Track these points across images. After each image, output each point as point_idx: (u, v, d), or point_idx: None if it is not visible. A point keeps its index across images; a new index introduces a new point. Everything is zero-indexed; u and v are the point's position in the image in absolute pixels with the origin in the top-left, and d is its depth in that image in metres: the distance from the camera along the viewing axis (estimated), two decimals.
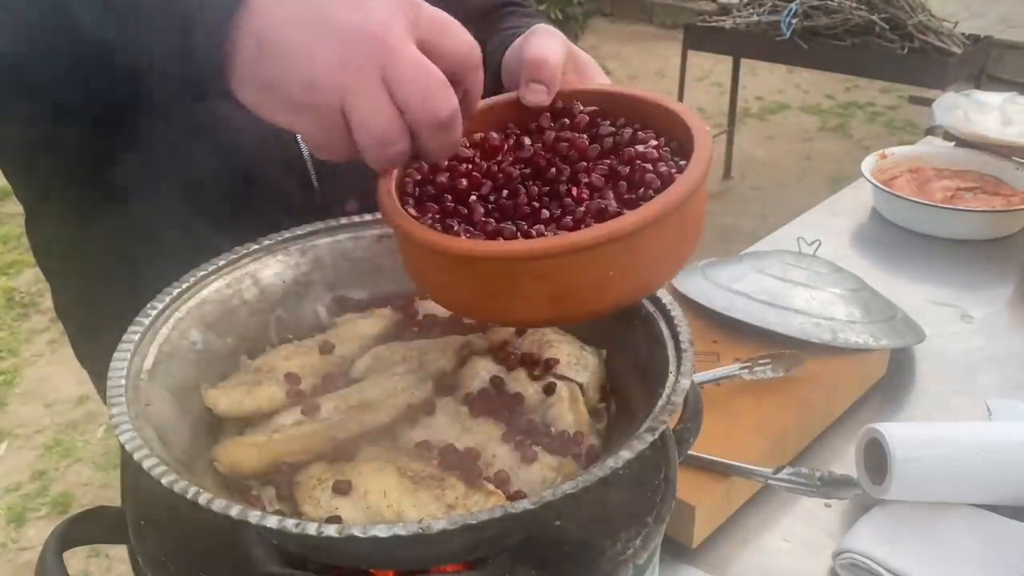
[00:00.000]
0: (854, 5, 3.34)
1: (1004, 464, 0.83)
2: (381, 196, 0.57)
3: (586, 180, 0.59)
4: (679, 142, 0.61)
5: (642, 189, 0.57)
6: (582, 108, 0.66)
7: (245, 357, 0.68)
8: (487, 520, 0.47)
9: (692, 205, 0.56)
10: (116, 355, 0.59)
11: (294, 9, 0.46)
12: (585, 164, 0.60)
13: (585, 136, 0.63)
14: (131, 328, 0.61)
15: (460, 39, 0.50)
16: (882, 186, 1.48)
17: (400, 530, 0.45)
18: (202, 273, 0.68)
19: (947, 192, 1.51)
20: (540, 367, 0.67)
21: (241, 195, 0.80)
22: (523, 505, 0.47)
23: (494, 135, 0.64)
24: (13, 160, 0.84)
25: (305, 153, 0.83)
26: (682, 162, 0.58)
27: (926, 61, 3.23)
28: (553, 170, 0.61)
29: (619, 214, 0.55)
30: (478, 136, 0.64)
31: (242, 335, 0.69)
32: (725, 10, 3.90)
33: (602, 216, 0.55)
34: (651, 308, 0.66)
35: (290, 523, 0.46)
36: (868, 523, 0.82)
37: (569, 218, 0.57)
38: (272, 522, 0.46)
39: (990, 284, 1.33)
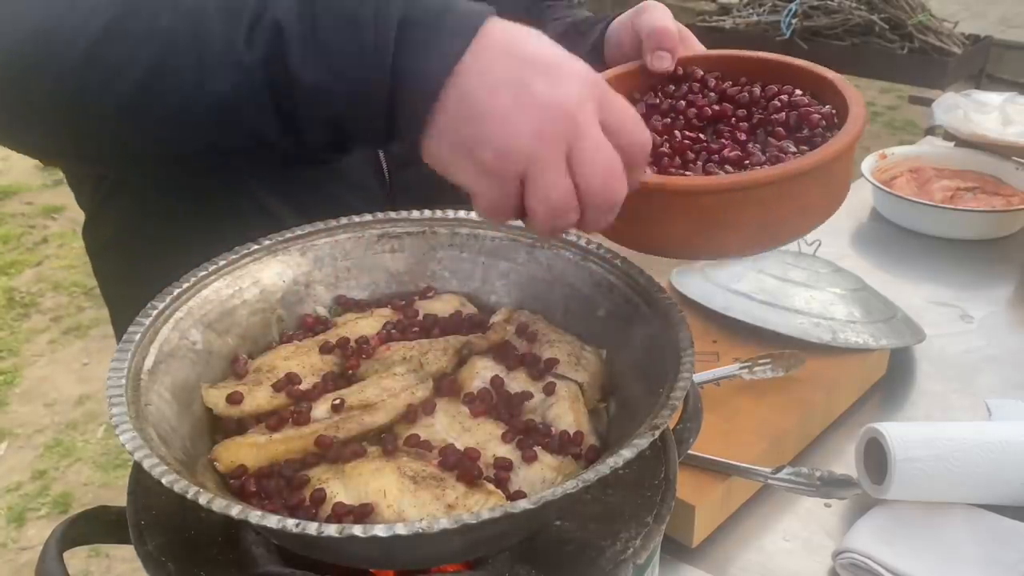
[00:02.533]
0: (854, 5, 3.34)
1: (1004, 464, 0.83)
2: None
3: (769, 128, 0.68)
4: (809, 91, 0.70)
5: (807, 129, 0.66)
6: (703, 72, 0.75)
7: (245, 357, 0.68)
8: (487, 520, 0.46)
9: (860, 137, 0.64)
10: (116, 355, 0.59)
11: (499, 75, 0.48)
12: (748, 114, 0.70)
13: (747, 92, 0.72)
14: (131, 328, 0.61)
15: (637, 131, 0.52)
16: (882, 186, 1.48)
17: (400, 530, 0.45)
18: (202, 273, 0.68)
19: (947, 192, 1.51)
20: (540, 367, 0.67)
21: (321, 184, 0.84)
22: (523, 505, 0.47)
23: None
24: (86, 177, 0.86)
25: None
26: (824, 105, 0.67)
27: (926, 61, 3.23)
28: (734, 119, 0.70)
29: (796, 153, 0.63)
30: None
31: (242, 335, 0.69)
32: (725, 10, 3.90)
33: (778, 159, 0.63)
34: (651, 308, 0.66)
35: (290, 523, 0.46)
36: (868, 523, 0.82)
37: (760, 156, 0.65)
38: (272, 522, 0.46)
39: (990, 284, 1.33)
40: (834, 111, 0.67)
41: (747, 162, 0.65)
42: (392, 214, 0.76)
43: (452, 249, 0.76)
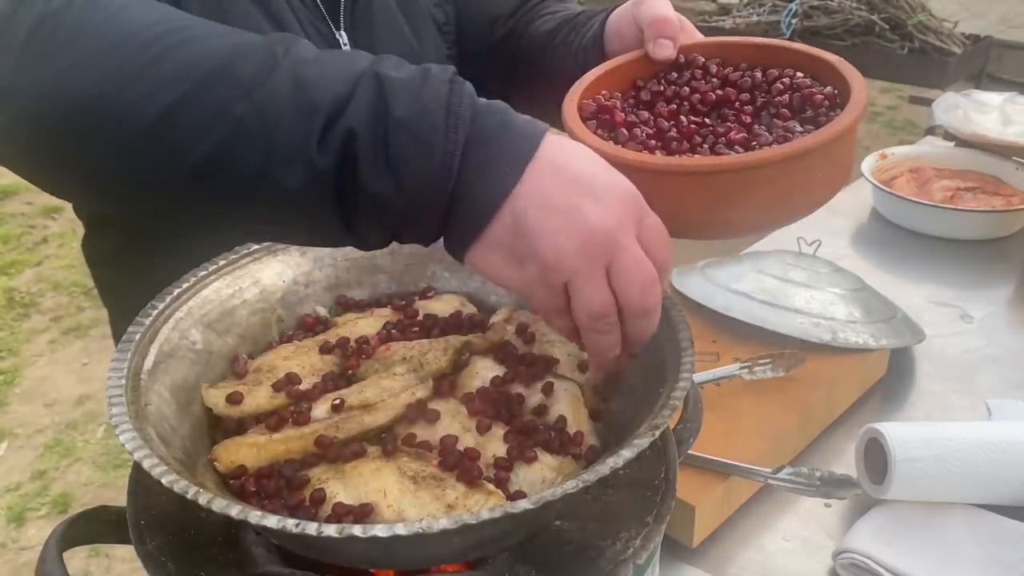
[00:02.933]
0: (854, 5, 3.34)
1: (1004, 464, 0.83)
2: (587, 139, 0.66)
3: (773, 110, 0.70)
4: (810, 73, 0.71)
5: (811, 110, 0.67)
6: (704, 59, 0.77)
7: (245, 357, 0.68)
8: (487, 520, 0.46)
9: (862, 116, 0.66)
10: (116, 355, 0.59)
11: (550, 196, 0.51)
12: (752, 98, 0.72)
13: (748, 76, 0.74)
14: (131, 328, 0.61)
15: (667, 250, 0.56)
16: (882, 186, 1.48)
17: (400, 530, 0.45)
18: (202, 273, 0.68)
19: (947, 192, 1.51)
20: (540, 367, 0.67)
21: None
22: (523, 505, 0.47)
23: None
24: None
25: None
26: (829, 87, 0.68)
27: (926, 61, 3.23)
28: (737, 103, 0.72)
29: (802, 133, 0.65)
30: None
31: (242, 335, 0.69)
32: (725, 10, 3.90)
33: (786, 138, 0.65)
34: None
35: (290, 523, 0.46)
36: (868, 523, 0.82)
37: (767, 137, 0.66)
38: (272, 522, 0.46)
39: (990, 284, 1.32)
40: (835, 91, 0.68)
41: (754, 143, 0.66)
42: None
43: None
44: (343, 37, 0.89)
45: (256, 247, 0.71)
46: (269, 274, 0.72)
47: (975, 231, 1.44)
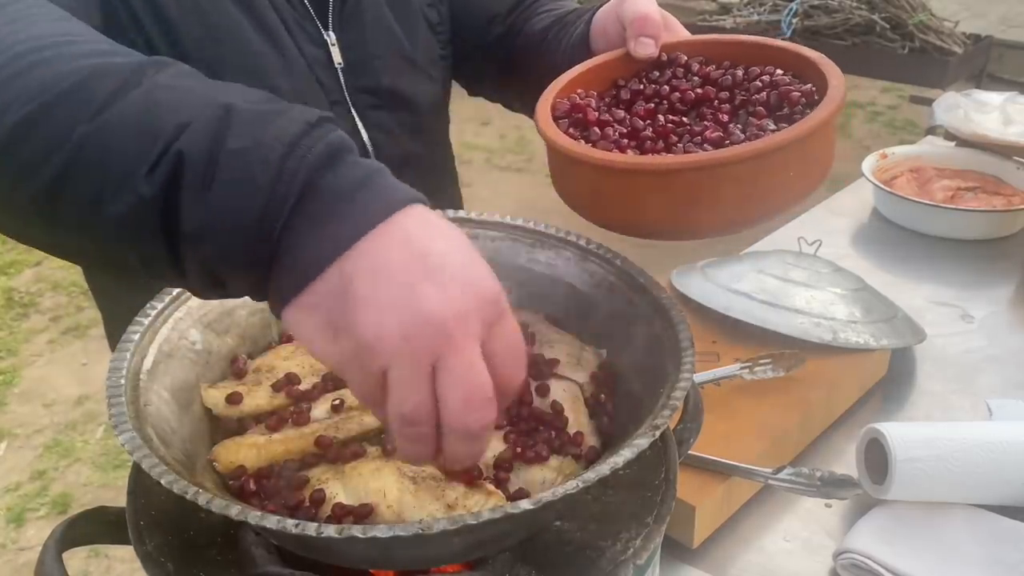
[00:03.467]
0: (855, 5, 3.34)
1: (1004, 464, 0.83)
2: (557, 138, 0.66)
3: (751, 108, 0.69)
4: (791, 70, 0.71)
5: (787, 107, 0.67)
6: (687, 57, 0.77)
7: (245, 357, 0.68)
8: (487, 520, 0.46)
9: (838, 113, 0.65)
10: (116, 355, 0.59)
11: (389, 268, 0.44)
12: (731, 96, 0.72)
13: (730, 75, 0.73)
14: (131, 328, 0.61)
15: (517, 368, 0.48)
16: (883, 186, 1.48)
17: (400, 530, 0.45)
18: None
19: (947, 192, 1.51)
20: (540, 367, 0.67)
21: None
22: (523, 505, 0.47)
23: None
24: None
25: (370, 149, 0.89)
26: (808, 84, 0.68)
27: (927, 61, 3.23)
28: (716, 101, 0.72)
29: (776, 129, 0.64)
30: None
31: (242, 335, 0.69)
32: (725, 10, 3.90)
33: (757, 136, 0.64)
34: (651, 308, 0.66)
35: (290, 523, 0.46)
36: (868, 523, 0.82)
37: (740, 135, 0.65)
38: (272, 522, 0.46)
39: (990, 284, 1.32)
40: (814, 89, 0.68)
41: (727, 142, 0.66)
42: None
43: None
44: (331, 37, 0.89)
45: None
46: None
47: (976, 231, 1.44)
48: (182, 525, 0.59)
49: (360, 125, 0.91)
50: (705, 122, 0.70)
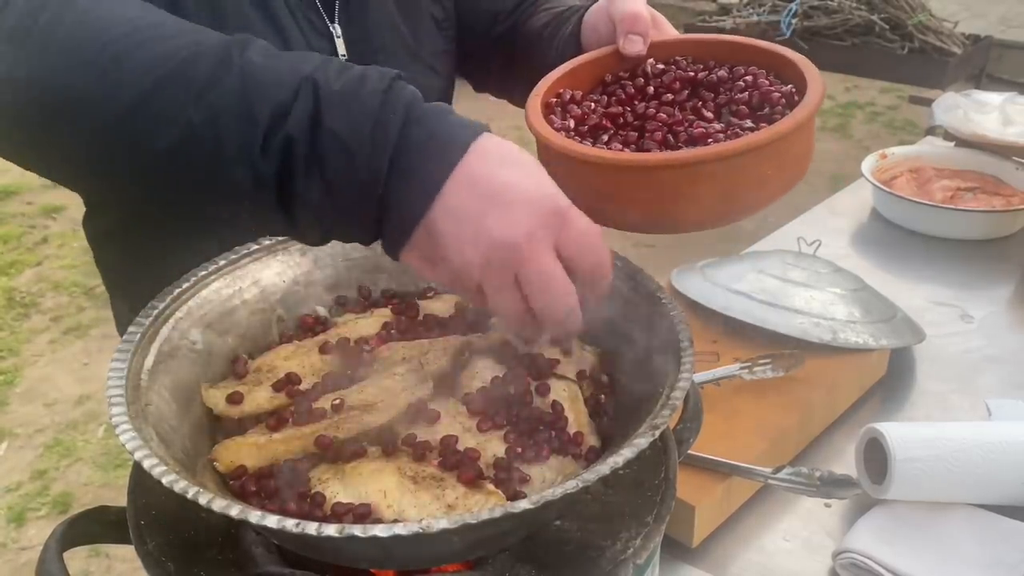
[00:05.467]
0: (854, 5, 3.34)
1: (1004, 464, 0.83)
2: (544, 132, 0.68)
3: (733, 107, 0.70)
4: (773, 71, 0.72)
5: (768, 107, 0.68)
6: (678, 57, 0.79)
7: (245, 357, 0.68)
8: (487, 520, 0.46)
9: (815, 115, 0.67)
10: (116, 355, 0.59)
11: (462, 208, 0.53)
12: (714, 95, 0.73)
13: (716, 73, 0.75)
14: (131, 328, 0.61)
15: (596, 257, 0.56)
16: (882, 186, 1.48)
17: (400, 530, 0.45)
18: (202, 273, 0.68)
19: (947, 192, 1.51)
20: (540, 367, 0.67)
21: None
22: (523, 505, 0.47)
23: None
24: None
25: None
26: (790, 85, 0.69)
27: (926, 61, 3.23)
28: (698, 101, 0.73)
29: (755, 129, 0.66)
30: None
31: (242, 335, 0.69)
32: (725, 10, 3.90)
33: (736, 135, 0.65)
34: (651, 308, 0.66)
35: (290, 523, 0.46)
36: (868, 523, 0.82)
37: (721, 135, 0.67)
38: (272, 522, 0.46)
39: (990, 284, 1.32)
40: (794, 90, 0.69)
41: (709, 140, 0.67)
42: None
43: None
44: (336, 30, 0.90)
45: (256, 247, 0.71)
46: (269, 274, 0.72)
47: (975, 231, 1.44)
48: (183, 525, 0.59)
49: None
50: (690, 116, 0.72)
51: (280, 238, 0.72)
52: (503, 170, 0.54)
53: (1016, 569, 0.77)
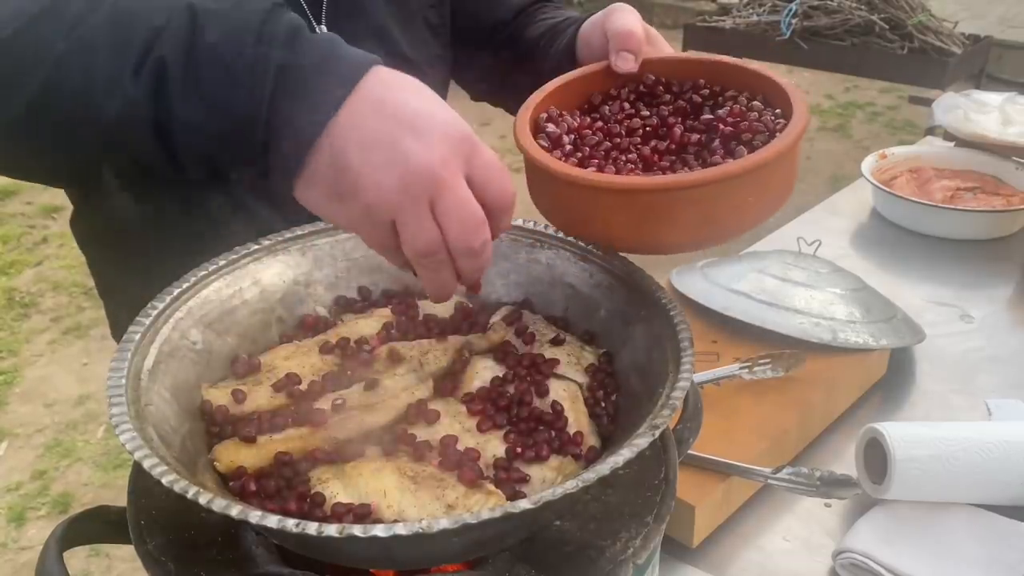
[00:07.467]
0: (854, 5, 3.34)
1: (1004, 464, 0.83)
2: (534, 152, 0.68)
3: (717, 131, 0.70)
4: (761, 95, 0.73)
5: (750, 134, 0.68)
6: (667, 78, 0.78)
7: (245, 357, 0.68)
8: (487, 520, 0.46)
9: (799, 143, 0.67)
10: (116, 355, 0.59)
11: (371, 132, 0.51)
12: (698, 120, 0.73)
13: (699, 94, 0.75)
14: (131, 328, 0.61)
15: (502, 187, 0.55)
16: (882, 186, 1.48)
17: (400, 530, 0.45)
18: (202, 273, 0.68)
19: (947, 192, 1.51)
20: (540, 367, 0.67)
21: None
22: (523, 505, 0.47)
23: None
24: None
25: None
26: (776, 110, 0.69)
27: (926, 61, 3.23)
28: (683, 123, 0.73)
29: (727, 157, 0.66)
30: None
31: (242, 335, 0.69)
32: (725, 10, 3.90)
33: (715, 163, 0.66)
34: (651, 308, 0.66)
35: (290, 523, 0.46)
36: (868, 523, 0.82)
37: (709, 159, 0.68)
38: (272, 522, 0.46)
39: (990, 284, 1.33)
40: (780, 114, 0.69)
41: (691, 164, 0.69)
42: None
43: None
44: (322, 31, 0.89)
45: (256, 247, 0.71)
46: (269, 274, 0.72)
47: (975, 231, 1.44)
48: (183, 525, 0.59)
49: None
50: (675, 138, 0.72)
51: (280, 238, 0.72)
52: (410, 96, 0.52)
53: (1016, 569, 0.77)
